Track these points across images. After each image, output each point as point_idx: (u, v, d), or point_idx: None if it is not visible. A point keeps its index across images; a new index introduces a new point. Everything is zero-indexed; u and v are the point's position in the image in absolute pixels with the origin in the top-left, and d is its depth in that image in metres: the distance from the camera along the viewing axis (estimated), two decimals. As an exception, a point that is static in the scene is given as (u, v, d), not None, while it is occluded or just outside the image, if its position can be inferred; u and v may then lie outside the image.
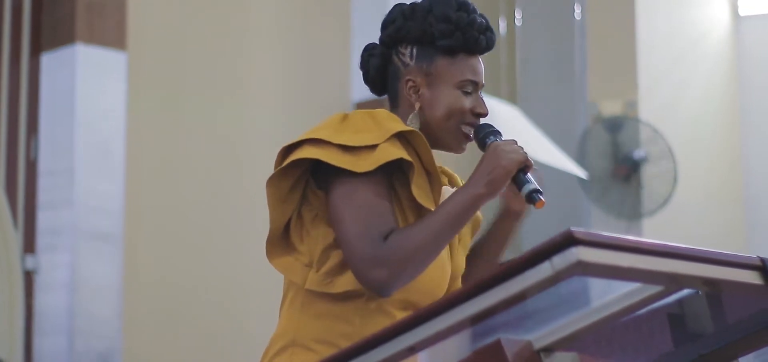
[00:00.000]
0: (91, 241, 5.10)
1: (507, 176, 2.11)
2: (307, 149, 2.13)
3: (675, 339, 1.87)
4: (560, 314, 1.70)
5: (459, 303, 1.46)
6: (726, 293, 1.78)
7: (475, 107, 2.24)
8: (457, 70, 2.23)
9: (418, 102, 2.24)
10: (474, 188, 2.11)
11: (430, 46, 2.24)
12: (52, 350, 5.10)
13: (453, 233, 2.12)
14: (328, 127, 2.16)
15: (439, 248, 2.11)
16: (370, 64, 2.31)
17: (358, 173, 2.10)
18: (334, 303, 2.17)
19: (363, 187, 2.11)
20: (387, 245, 2.07)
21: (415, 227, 2.10)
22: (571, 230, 1.39)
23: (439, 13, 2.23)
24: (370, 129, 2.14)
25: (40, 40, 5.28)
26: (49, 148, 5.19)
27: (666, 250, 1.47)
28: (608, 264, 1.41)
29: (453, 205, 2.11)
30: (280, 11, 6.13)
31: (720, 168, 7.16)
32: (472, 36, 2.23)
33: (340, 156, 2.11)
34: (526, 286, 1.42)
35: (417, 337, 1.50)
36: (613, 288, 1.76)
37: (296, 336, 2.19)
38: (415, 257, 2.07)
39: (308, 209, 2.19)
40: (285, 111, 6.02)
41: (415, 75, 2.24)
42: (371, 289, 2.09)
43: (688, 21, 7.13)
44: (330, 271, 2.16)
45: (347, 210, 2.10)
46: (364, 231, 2.08)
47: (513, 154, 2.12)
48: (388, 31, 2.29)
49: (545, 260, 1.40)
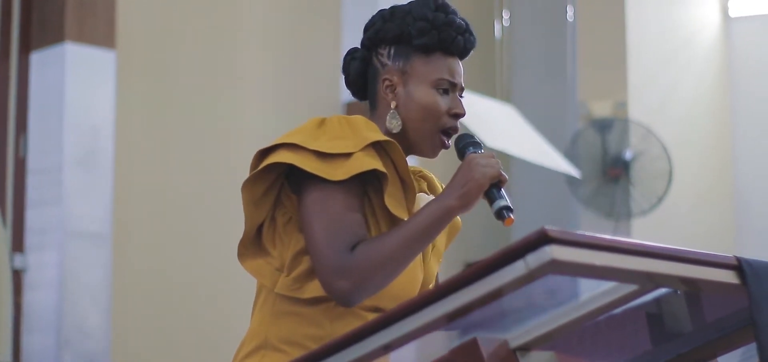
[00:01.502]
0: (80, 240, 5.09)
1: (479, 191, 2.10)
2: (282, 153, 2.12)
3: (653, 337, 1.87)
4: (542, 312, 1.70)
5: (433, 302, 1.46)
6: (704, 292, 1.78)
7: (452, 108, 2.23)
8: (433, 68, 2.22)
9: (394, 101, 2.23)
10: (446, 201, 2.10)
11: (406, 45, 2.24)
12: (41, 348, 5.09)
13: (423, 245, 2.11)
14: (304, 132, 2.15)
15: (408, 259, 2.10)
16: (351, 67, 2.31)
17: (331, 181, 2.10)
18: (305, 306, 2.18)
19: (334, 195, 2.10)
20: (353, 256, 2.06)
21: (383, 238, 2.09)
22: (545, 228, 1.39)
23: (416, 13, 2.24)
24: (346, 136, 2.14)
25: (29, 39, 5.28)
26: (38, 146, 5.18)
27: (641, 249, 1.47)
28: (583, 263, 1.41)
29: (424, 217, 2.10)
30: (270, 11, 6.12)
31: (710, 169, 7.17)
32: (448, 35, 2.22)
33: (314, 162, 2.10)
34: (500, 284, 1.42)
35: (391, 335, 1.50)
36: (594, 286, 1.76)
37: (267, 337, 2.19)
38: (381, 269, 2.06)
39: (282, 213, 2.19)
40: (275, 111, 6.02)
41: (391, 74, 2.24)
42: (336, 299, 2.09)
43: (679, 22, 7.13)
44: (300, 276, 2.16)
45: (317, 218, 2.10)
46: (331, 241, 2.07)
47: (487, 168, 2.10)
48: (368, 34, 2.30)
49: (519, 258, 1.40)
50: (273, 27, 6.15)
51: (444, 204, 2.10)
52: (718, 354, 1.90)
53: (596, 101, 6.66)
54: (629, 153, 6.50)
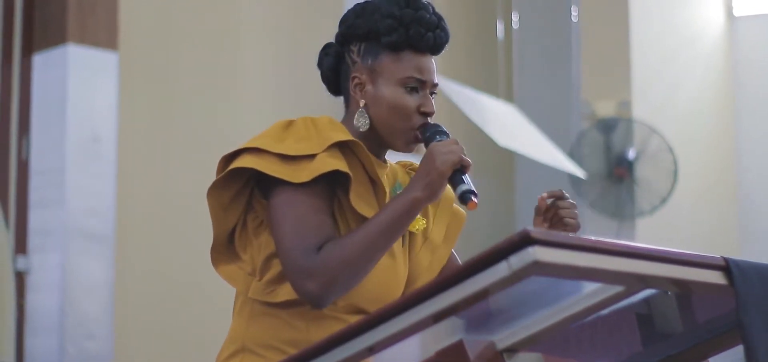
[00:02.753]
0: (83, 241, 5.09)
1: (442, 178, 2.08)
2: (246, 158, 2.11)
3: (644, 338, 1.87)
4: (530, 313, 1.70)
5: (417, 303, 1.46)
6: (694, 293, 1.77)
7: (421, 106, 2.19)
8: (401, 67, 2.19)
9: (362, 99, 2.21)
10: (411, 193, 2.09)
11: (375, 43, 2.21)
12: (44, 350, 5.09)
13: (392, 240, 2.10)
14: (269, 135, 2.14)
15: (377, 255, 2.09)
16: (324, 63, 2.29)
17: (296, 184, 2.08)
18: (280, 309, 2.17)
19: (300, 198, 2.09)
20: (319, 256, 2.05)
21: (349, 237, 2.08)
22: (528, 229, 1.38)
23: (385, 10, 2.20)
24: (310, 138, 2.12)
25: (31, 41, 5.28)
26: (41, 148, 5.18)
27: (625, 250, 1.47)
28: (566, 264, 1.41)
29: (389, 212, 2.08)
30: (271, 11, 6.12)
31: (714, 168, 7.16)
32: (417, 32, 2.18)
33: (278, 166, 2.09)
34: (483, 286, 1.42)
35: (375, 337, 1.50)
36: (584, 288, 1.75)
37: (245, 342, 2.19)
38: (347, 267, 2.05)
39: (253, 218, 2.19)
40: (276, 111, 6.01)
41: (360, 72, 2.22)
42: (306, 300, 2.08)
43: (682, 21, 7.12)
44: (272, 280, 2.16)
45: (283, 221, 2.09)
46: (297, 243, 2.06)
47: (448, 155, 2.08)
48: (341, 29, 2.27)
49: (502, 259, 1.40)
50: (275, 27, 6.14)
51: (409, 197, 2.08)
52: (709, 355, 1.90)
53: (600, 101, 6.65)
54: (633, 152, 6.48)
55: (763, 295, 1.62)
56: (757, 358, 1.58)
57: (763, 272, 1.66)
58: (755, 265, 1.67)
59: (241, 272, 2.21)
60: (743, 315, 1.59)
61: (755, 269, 1.65)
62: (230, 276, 2.23)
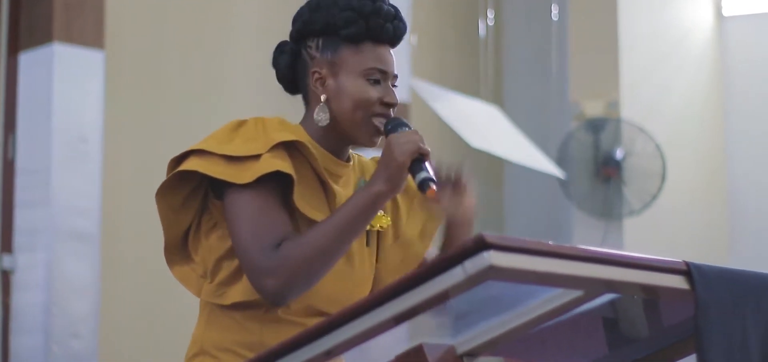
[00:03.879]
0: (69, 240, 5.08)
1: (402, 169, 2.06)
2: (191, 160, 2.10)
3: (610, 342, 1.86)
4: (491, 316, 1.69)
5: (374, 307, 1.45)
6: (658, 297, 1.76)
7: (383, 97, 2.17)
8: (362, 58, 2.17)
9: (324, 94, 2.18)
10: (373, 187, 2.07)
11: (334, 36, 2.19)
12: (29, 349, 5.08)
13: (354, 235, 2.08)
14: (216, 136, 2.13)
15: (338, 252, 2.07)
16: (280, 62, 2.27)
17: (243, 184, 2.06)
18: (233, 311, 2.15)
19: (251, 197, 2.07)
20: (278, 254, 2.03)
21: (309, 233, 2.06)
22: (483, 234, 1.37)
23: (342, 3, 2.19)
24: (257, 138, 2.11)
25: (18, 40, 5.26)
26: (27, 147, 5.17)
27: (583, 254, 1.46)
28: (522, 269, 1.40)
29: (351, 207, 2.07)
30: (260, 12, 6.11)
31: (703, 170, 7.15)
32: (376, 24, 2.17)
33: (222, 167, 2.07)
34: (438, 291, 1.40)
35: (333, 341, 1.49)
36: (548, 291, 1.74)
37: (203, 344, 2.18)
38: (308, 264, 2.03)
39: (207, 219, 2.18)
40: (263, 112, 5.96)
41: (320, 66, 2.19)
42: (266, 299, 2.06)
43: (671, 21, 7.11)
44: (222, 282, 2.15)
45: (238, 222, 2.07)
46: (254, 241, 2.04)
47: (407, 145, 2.06)
48: (296, 26, 2.26)
49: (457, 264, 1.39)
50: (264, 27, 6.13)
51: (370, 191, 2.07)
52: (675, 359, 1.89)
53: (588, 101, 6.64)
54: (620, 152, 6.48)
55: (726, 300, 1.61)
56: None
57: (727, 276, 1.65)
58: (720, 270, 1.66)
59: (194, 274, 2.21)
60: (702, 319, 1.58)
61: (719, 273, 1.64)
62: (183, 277, 2.23)
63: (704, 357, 1.53)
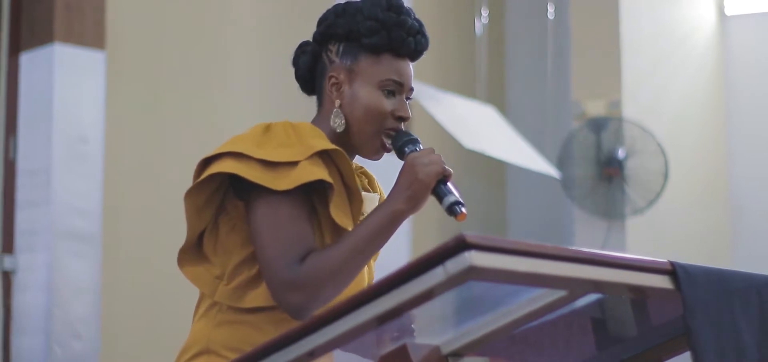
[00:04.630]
0: (70, 241, 5.09)
1: (426, 190, 2.06)
2: (227, 162, 2.09)
3: (598, 342, 1.86)
4: (477, 316, 1.69)
5: (354, 309, 1.45)
6: (644, 297, 1.76)
7: (396, 110, 2.18)
8: (380, 69, 2.18)
9: (338, 99, 2.20)
10: (394, 205, 2.06)
11: (355, 44, 2.20)
12: (30, 350, 5.08)
13: (374, 252, 2.08)
14: (249, 139, 2.12)
15: (359, 267, 2.07)
16: (300, 61, 2.29)
17: (277, 191, 2.06)
18: (248, 314, 2.15)
19: (282, 206, 2.06)
20: (303, 268, 2.03)
21: (332, 248, 2.05)
22: (464, 234, 1.37)
23: (367, 12, 2.20)
24: (291, 144, 2.10)
25: (18, 40, 5.27)
26: (28, 147, 5.18)
27: (565, 254, 1.45)
28: (504, 269, 1.40)
29: (372, 223, 2.06)
30: (260, 12, 6.11)
31: (705, 169, 7.13)
32: (398, 36, 2.18)
33: (259, 172, 2.07)
34: (419, 291, 1.40)
35: (316, 342, 1.49)
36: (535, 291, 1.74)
37: (209, 343, 2.17)
38: (331, 279, 2.03)
39: (226, 221, 2.17)
40: (265, 112, 6.00)
41: (338, 72, 2.21)
42: (289, 313, 2.06)
43: (673, 21, 7.09)
44: (240, 285, 2.14)
45: (265, 230, 2.06)
46: (280, 253, 2.04)
47: (431, 166, 2.06)
48: (320, 28, 2.26)
49: (438, 264, 1.39)
50: (264, 27, 6.13)
51: (391, 209, 2.06)
52: (664, 358, 1.89)
53: (590, 101, 6.63)
54: (623, 152, 6.46)
55: (711, 300, 1.61)
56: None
57: (712, 276, 1.64)
58: (705, 269, 1.66)
59: (209, 274, 2.19)
60: (690, 320, 1.58)
61: (704, 273, 1.64)
62: (196, 277, 2.21)
63: (699, 357, 1.53)
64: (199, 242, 2.21)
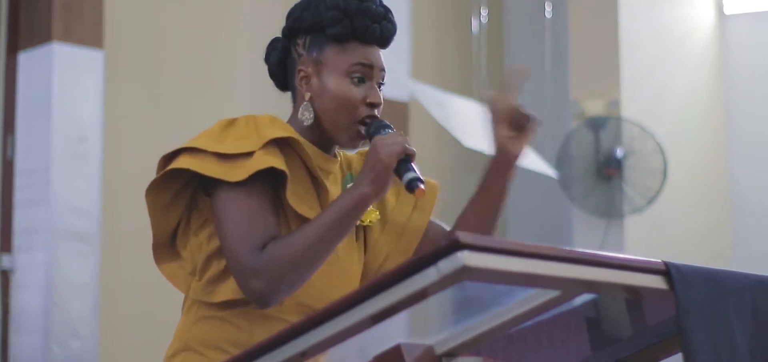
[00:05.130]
0: (68, 240, 5.09)
1: (388, 170, 2.06)
2: (183, 158, 2.10)
3: (593, 342, 1.86)
4: (471, 315, 1.69)
5: (347, 308, 1.45)
6: (638, 297, 1.76)
7: (367, 97, 2.17)
8: (346, 57, 2.17)
9: (308, 92, 2.19)
10: (359, 188, 2.06)
11: (320, 35, 2.19)
12: (29, 349, 5.09)
13: (340, 237, 2.07)
14: (208, 134, 2.13)
15: (325, 253, 2.06)
16: (271, 58, 2.29)
17: (235, 182, 2.06)
18: (222, 309, 2.15)
19: (239, 196, 2.06)
20: (264, 255, 2.02)
21: (295, 234, 2.05)
22: (457, 234, 1.37)
23: (330, 2, 2.18)
24: (249, 136, 2.11)
25: (17, 39, 5.27)
26: (26, 147, 5.18)
27: (557, 254, 1.45)
28: (496, 269, 1.40)
29: (337, 208, 2.06)
30: (258, 9, 6.11)
31: (705, 168, 7.13)
32: (362, 23, 2.17)
33: (214, 165, 2.07)
34: (412, 291, 1.40)
35: (309, 342, 1.48)
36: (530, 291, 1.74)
37: (188, 341, 2.18)
38: (293, 265, 2.02)
39: (197, 216, 2.17)
40: (263, 110, 5.99)
41: (306, 65, 2.20)
42: (252, 300, 2.05)
43: (673, 20, 7.09)
44: (211, 279, 2.14)
45: (225, 221, 2.06)
46: (241, 242, 2.03)
47: (392, 146, 2.06)
48: (288, 23, 2.26)
49: (431, 264, 1.39)
50: (262, 27, 6.12)
51: (356, 192, 2.06)
52: (659, 357, 1.89)
53: (589, 100, 6.62)
54: (621, 151, 6.46)
55: (705, 300, 1.61)
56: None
57: (707, 276, 1.64)
58: (699, 270, 1.65)
59: (182, 271, 2.21)
60: (684, 320, 1.58)
61: (698, 273, 1.64)
62: (171, 275, 2.23)
63: (691, 358, 1.53)
64: (173, 239, 2.20)
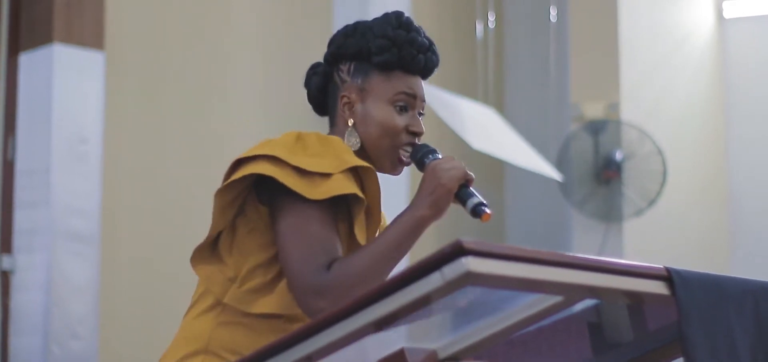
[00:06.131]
0: (68, 241, 5.09)
1: (449, 195, 2.09)
2: (263, 164, 2.10)
3: (594, 347, 1.87)
4: (474, 320, 1.70)
5: (351, 314, 1.46)
6: (640, 303, 1.77)
7: (410, 125, 2.21)
8: (391, 85, 2.21)
9: (352, 118, 2.22)
10: (417, 211, 2.09)
11: (366, 62, 2.22)
12: (28, 350, 5.09)
13: (398, 259, 2.10)
14: (283, 145, 2.13)
15: (384, 274, 2.08)
16: (312, 83, 2.31)
17: (309, 200, 2.08)
18: (255, 319, 2.16)
19: (312, 214, 2.08)
20: (330, 274, 2.04)
21: (358, 255, 2.07)
22: (461, 240, 1.38)
23: (377, 30, 2.22)
24: (325, 156, 2.12)
25: (18, 40, 5.27)
26: (27, 148, 5.18)
27: (561, 260, 1.46)
28: (500, 275, 1.41)
29: (397, 230, 2.08)
30: (260, 12, 6.12)
31: (704, 172, 7.14)
32: (408, 53, 2.21)
33: (294, 178, 2.08)
34: (416, 296, 1.41)
35: (314, 346, 1.50)
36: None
37: (209, 344, 2.18)
38: (358, 285, 2.04)
39: (244, 223, 2.18)
40: (265, 113, 6.02)
41: (350, 91, 2.23)
42: (312, 317, 2.06)
43: (672, 23, 7.10)
44: (253, 289, 2.15)
45: (294, 236, 2.08)
46: (307, 260, 2.05)
47: (453, 171, 2.09)
48: (330, 49, 2.28)
49: (435, 270, 1.40)
50: (264, 28, 6.14)
51: (415, 215, 2.08)
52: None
53: (588, 103, 6.64)
54: (620, 154, 6.47)
55: (706, 306, 1.62)
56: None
57: (708, 282, 1.65)
58: (700, 275, 1.67)
59: (221, 275, 2.20)
60: (685, 326, 1.59)
61: (699, 279, 1.65)
62: (207, 276, 2.21)
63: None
64: (215, 242, 2.21)
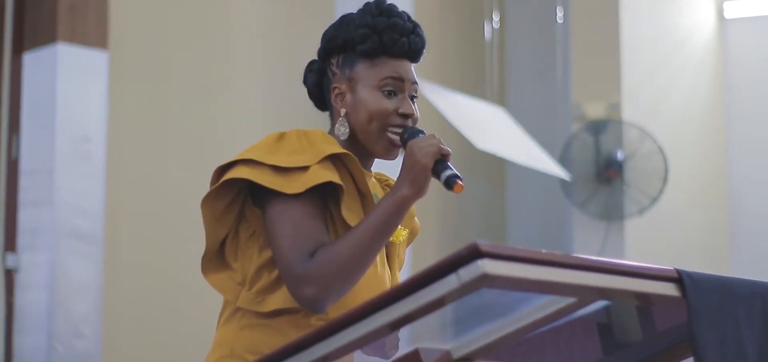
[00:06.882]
0: (72, 240, 5.10)
1: (426, 171, 2.12)
2: (240, 169, 2.16)
3: (605, 347, 1.89)
4: (488, 321, 1.71)
5: (371, 313, 1.48)
6: (650, 304, 1.78)
7: (399, 108, 2.24)
8: (377, 71, 2.24)
9: (343, 108, 2.26)
10: (398, 191, 2.13)
11: (352, 53, 2.26)
12: (32, 348, 5.10)
13: (383, 241, 2.13)
14: (262, 147, 2.18)
15: (370, 257, 2.12)
16: (309, 80, 2.35)
17: (289, 194, 2.12)
18: (270, 318, 2.20)
19: (293, 207, 2.13)
20: (313, 261, 2.09)
21: (341, 240, 2.11)
22: (477, 242, 1.40)
23: (359, 20, 2.26)
24: (303, 150, 2.17)
25: (22, 40, 5.28)
26: (31, 147, 5.19)
27: (575, 263, 1.48)
28: (516, 277, 1.42)
29: (379, 213, 2.12)
30: (262, 11, 6.13)
31: (704, 171, 7.16)
32: (390, 38, 2.24)
33: (271, 177, 2.13)
34: (432, 298, 1.43)
35: (330, 347, 1.51)
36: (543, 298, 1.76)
37: (234, 348, 2.22)
38: (342, 270, 2.09)
39: (245, 227, 2.22)
40: (268, 112, 6.03)
41: (340, 82, 2.27)
42: (304, 307, 2.12)
43: (673, 24, 7.12)
44: (261, 290, 2.19)
45: (278, 230, 2.13)
46: (292, 251, 2.10)
47: (427, 147, 2.13)
48: (322, 44, 2.33)
49: (451, 272, 1.41)
50: (266, 27, 6.15)
51: (397, 195, 2.13)
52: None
53: (590, 103, 6.65)
54: (621, 154, 6.49)
55: (716, 307, 1.64)
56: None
57: (717, 284, 1.67)
58: (710, 277, 1.68)
59: (231, 281, 2.24)
60: (695, 327, 1.61)
61: (709, 281, 1.66)
62: (219, 284, 2.26)
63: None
64: (222, 250, 2.25)
